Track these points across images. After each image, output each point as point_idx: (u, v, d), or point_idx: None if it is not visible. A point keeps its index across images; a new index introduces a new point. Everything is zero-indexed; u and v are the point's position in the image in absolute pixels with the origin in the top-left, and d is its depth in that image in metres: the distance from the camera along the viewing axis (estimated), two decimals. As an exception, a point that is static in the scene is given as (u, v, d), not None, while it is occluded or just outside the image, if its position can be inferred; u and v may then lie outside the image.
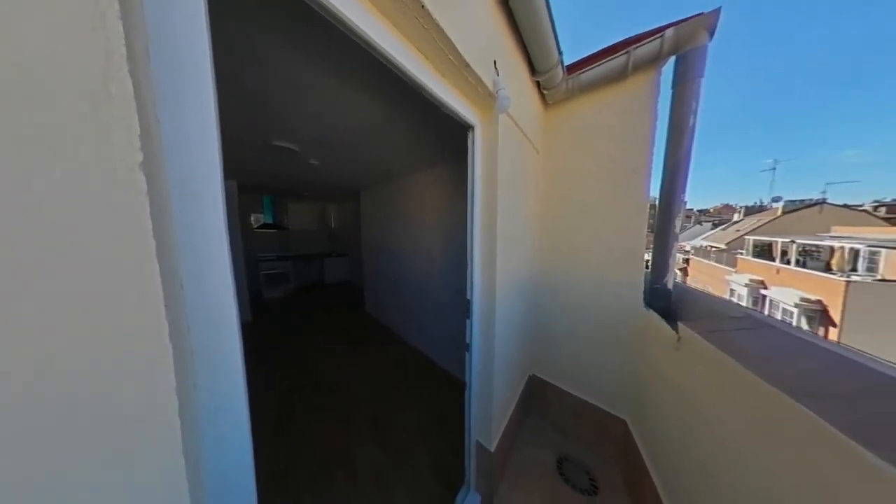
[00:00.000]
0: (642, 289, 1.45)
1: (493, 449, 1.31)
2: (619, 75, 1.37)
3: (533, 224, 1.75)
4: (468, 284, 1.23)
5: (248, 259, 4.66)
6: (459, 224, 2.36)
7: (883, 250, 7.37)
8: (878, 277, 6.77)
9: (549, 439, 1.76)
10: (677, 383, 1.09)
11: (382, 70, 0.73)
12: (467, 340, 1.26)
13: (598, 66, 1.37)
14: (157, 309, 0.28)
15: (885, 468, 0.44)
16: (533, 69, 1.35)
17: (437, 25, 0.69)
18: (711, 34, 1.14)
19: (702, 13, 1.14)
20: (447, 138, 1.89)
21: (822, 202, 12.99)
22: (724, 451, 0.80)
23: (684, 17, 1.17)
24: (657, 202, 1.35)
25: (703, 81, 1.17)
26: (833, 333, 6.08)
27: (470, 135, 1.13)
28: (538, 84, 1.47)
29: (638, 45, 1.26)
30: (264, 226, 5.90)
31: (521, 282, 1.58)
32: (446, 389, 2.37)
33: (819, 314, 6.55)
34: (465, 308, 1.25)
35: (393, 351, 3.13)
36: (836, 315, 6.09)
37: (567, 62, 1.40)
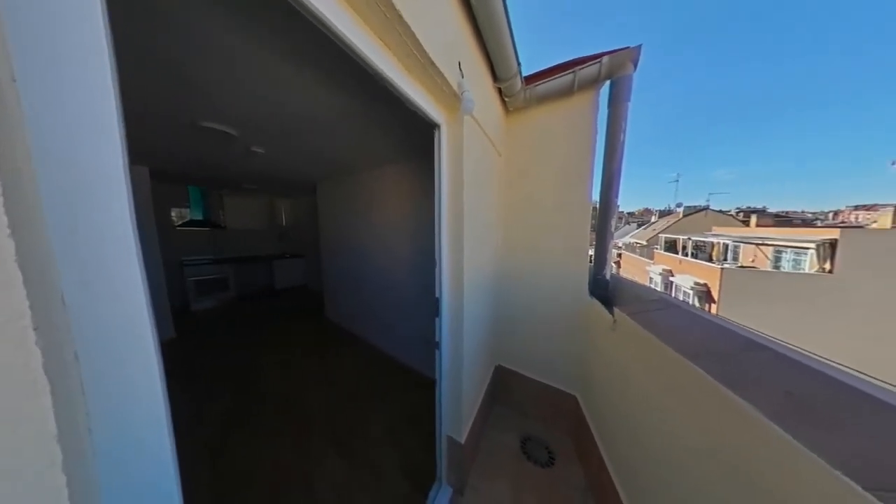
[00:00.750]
0: (587, 280, 1.67)
1: (462, 441, 1.35)
2: (568, 91, 1.54)
3: (496, 223, 1.85)
4: (436, 283, 1.24)
5: (168, 263, 3.83)
6: (426, 221, 2.35)
7: (742, 245, 9.97)
8: (739, 265, 9.16)
9: (514, 423, 1.90)
10: (614, 359, 1.29)
11: (343, 57, 0.68)
12: (437, 339, 1.27)
13: (551, 80, 1.52)
14: (20, 334, 0.21)
15: (743, 405, 0.61)
16: (495, 76, 1.42)
17: (401, 17, 0.67)
18: (635, 65, 1.37)
19: (628, 47, 1.35)
20: (414, 134, 1.86)
21: (706, 208, 16.83)
22: (650, 410, 0.98)
23: (616, 48, 1.38)
24: (597, 205, 1.57)
25: (630, 105, 1.40)
26: (713, 308, 7.99)
27: (436, 133, 1.13)
28: (500, 91, 1.55)
29: (582, 66, 1.43)
30: (191, 223, 4.91)
31: (486, 279, 1.66)
32: (414, 388, 2.35)
33: (705, 294, 8.53)
34: (433, 306, 1.26)
35: (356, 355, 2.96)
36: (715, 294, 8.02)
37: (525, 73, 1.52)
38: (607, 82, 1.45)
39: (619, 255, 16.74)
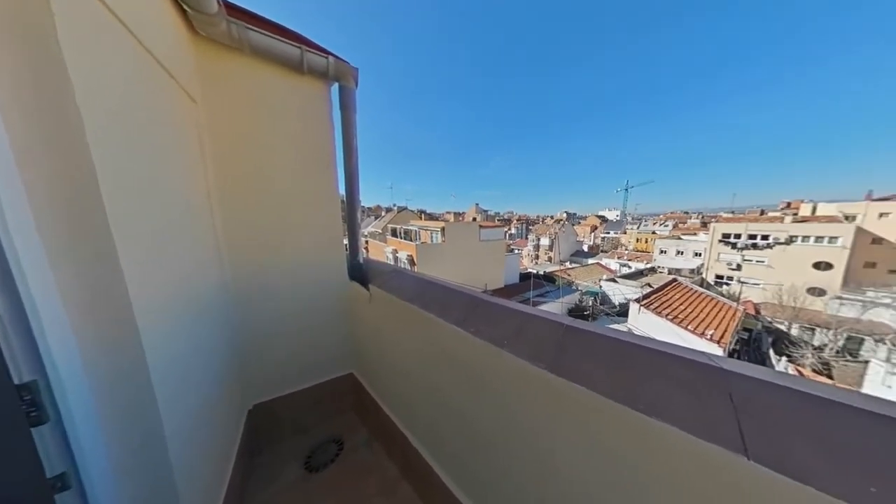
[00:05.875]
0: (346, 266, 1.82)
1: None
2: (297, 67, 1.40)
3: (207, 215, 1.23)
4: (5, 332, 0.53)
5: None
6: None
7: (421, 231, 17.61)
8: (421, 242, 16.25)
9: (291, 451, 1.60)
10: (375, 324, 1.62)
11: None
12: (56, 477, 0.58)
13: (275, 39, 1.29)
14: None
15: (432, 317, 1.12)
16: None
17: None
18: (356, 83, 1.64)
19: (348, 63, 1.57)
20: None
21: (405, 208, 26.84)
22: (406, 355, 1.39)
23: (341, 57, 1.52)
24: (345, 198, 1.73)
25: (357, 117, 1.66)
26: (416, 268, 13.58)
27: None
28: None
29: (310, 49, 1.39)
30: None
31: (199, 296, 1.07)
32: None
33: (411, 260, 14.06)
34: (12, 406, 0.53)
35: None
36: (417, 260, 13.63)
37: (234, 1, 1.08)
38: (336, 85, 1.57)
39: (367, 242, 20.63)
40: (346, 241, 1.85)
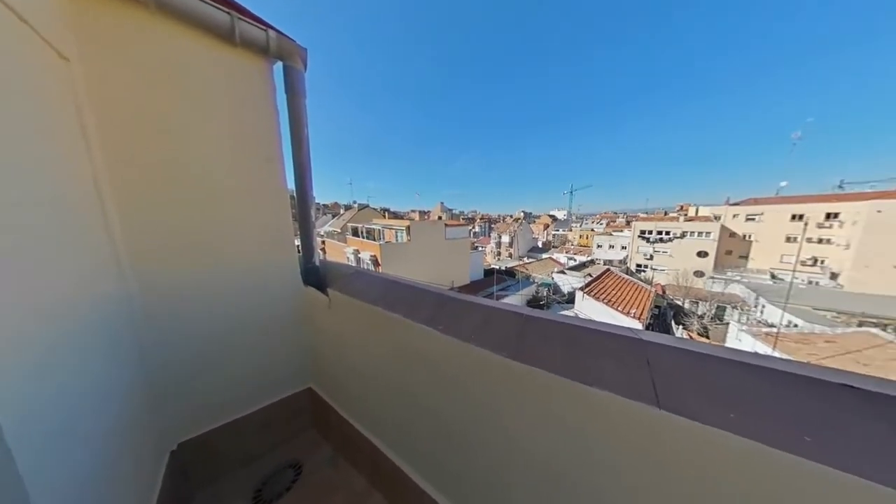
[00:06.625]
0: (299, 270, 1.63)
1: None
2: (228, 35, 1.18)
3: (95, 211, 0.96)
4: None
5: None
6: None
7: (385, 229, 16.94)
8: (385, 241, 15.66)
9: (236, 485, 1.37)
10: (336, 331, 1.49)
11: None
12: None
13: None
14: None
15: (398, 318, 1.09)
16: None
17: None
18: (305, 66, 1.46)
19: (294, 41, 1.39)
20: None
21: (366, 206, 25.50)
22: (373, 361, 1.31)
23: (285, 32, 1.34)
24: (295, 195, 1.54)
25: (307, 103, 1.49)
26: (380, 269, 13.06)
27: None
28: None
29: (243, 17, 1.18)
30: None
31: (81, 319, 0.83)
32: None
33: (375, 260, 13.45)
34: None
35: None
36: (380, 260, 13.09)
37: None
38: (281, 65, 1.38)
39: (324, 243, 18.85)
40: (298, 243, 1.65)
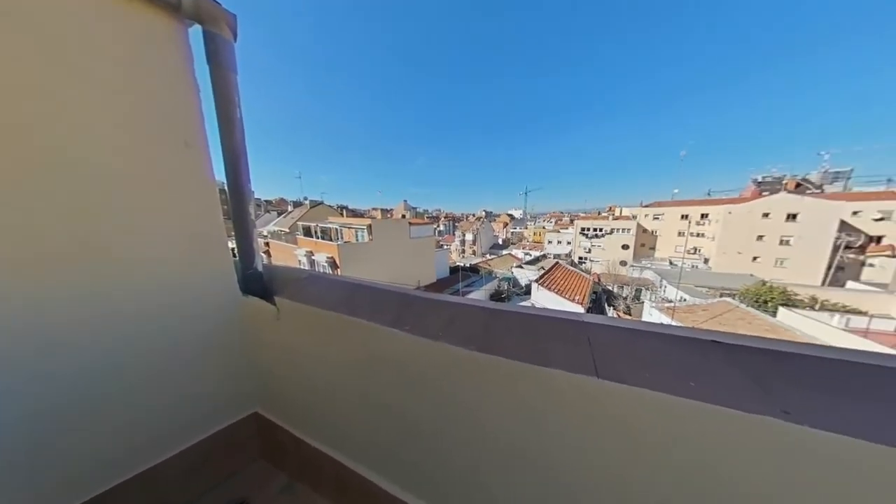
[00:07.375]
0: (236, 277, 1.39)
1: None
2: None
3: None
4: None
5: None
6: None
7: (343, 228, 15.73)
8: (344, 241, 14.57)
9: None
10: (287, 346, 1.32)
11: None
12: None
13: None
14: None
15: (362, 322, 1.03)
16: None
17: None
18: (235, 35, 1.24)
19: (220, 4, 1.16)
20: None
21: (320, 203, 23.26)
22: (333, 371, 1.20)
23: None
24: (227, 188, 1.30)
25: (237, 78, 1.27)
26: (339, 271, 12.05)
27: None
28: None
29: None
30: None
31: None
32: None
33: (333, 263, 12.38)
34: None
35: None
36: (339, 261, 12.10)
37: None
38: (200, 29, 1.14)
39: (268, 244, 16.45)
40: (233, 245, 1.40)
